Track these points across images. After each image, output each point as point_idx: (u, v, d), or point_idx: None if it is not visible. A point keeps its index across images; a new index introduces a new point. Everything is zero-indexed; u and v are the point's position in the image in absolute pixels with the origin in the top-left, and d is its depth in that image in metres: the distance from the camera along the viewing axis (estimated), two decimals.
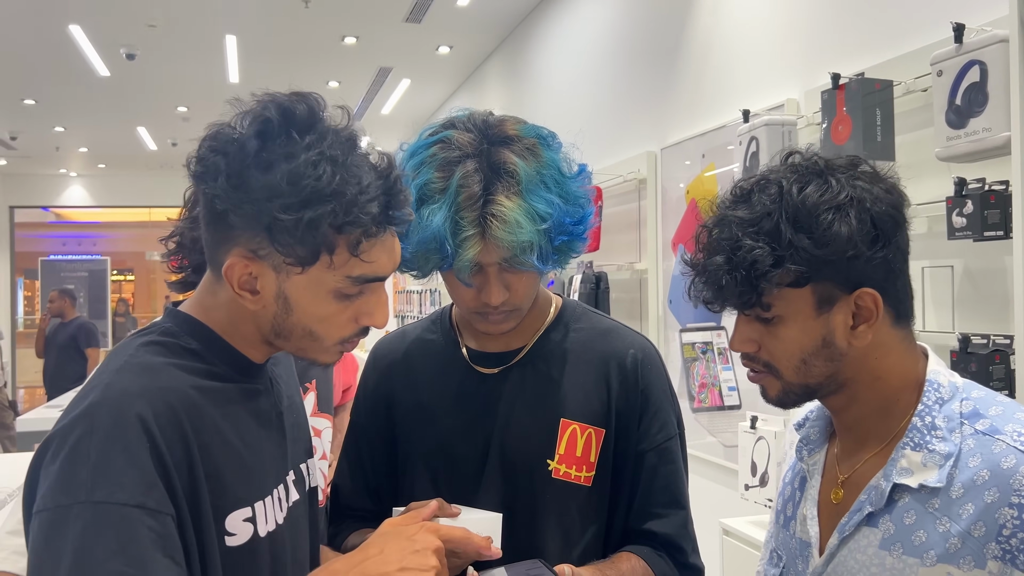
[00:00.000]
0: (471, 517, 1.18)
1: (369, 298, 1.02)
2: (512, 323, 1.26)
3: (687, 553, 1.28)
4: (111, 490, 0.84)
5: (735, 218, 0.97)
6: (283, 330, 1.01)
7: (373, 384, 1.39)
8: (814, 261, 0.93)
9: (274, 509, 1.04)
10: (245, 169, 0.93)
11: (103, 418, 0.87)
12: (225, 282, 1.00)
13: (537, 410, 1.28)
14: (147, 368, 0.95)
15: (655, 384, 1.30)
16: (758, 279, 0.94)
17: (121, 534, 0.83)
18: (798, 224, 0.94)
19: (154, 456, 0.87)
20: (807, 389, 1.01)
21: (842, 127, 2.25)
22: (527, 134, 1.20)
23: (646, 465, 1.28)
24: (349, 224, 0.94)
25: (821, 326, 0.97)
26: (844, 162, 0.99)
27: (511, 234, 1.11)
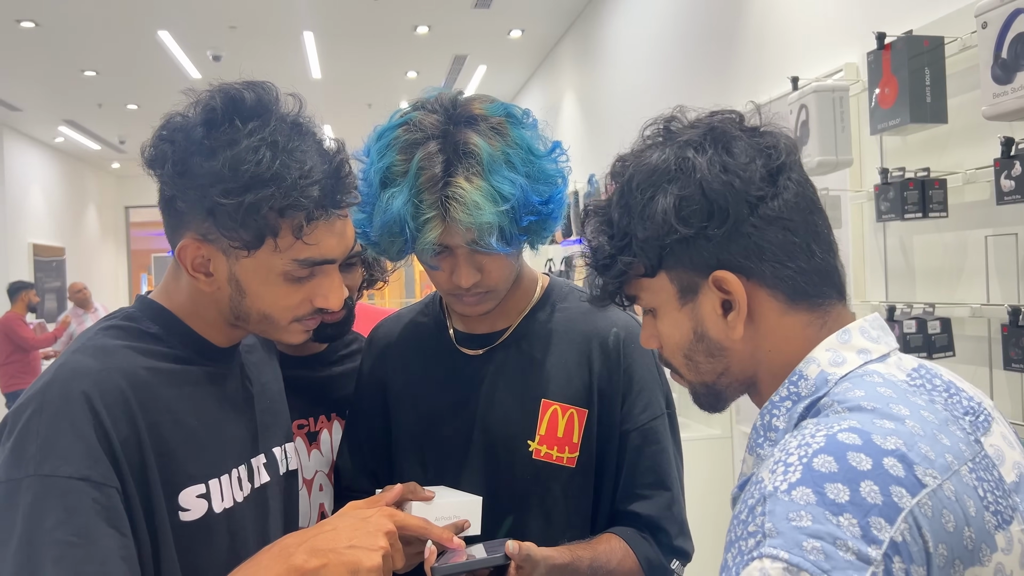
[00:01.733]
0: (451, 500, 1.18)
1: (322, 280, 1.04)
2: (489, 304, 1.25)
3: (672, 535, 1.24)
4: (57, 464, 0.88)
5: (591, 207, 0.91)
6: (240, 312, 1.04)
7: (368, 367, 1.41)
8: (647, 247, 0.83)
9: (232, 488, 1.06)
10: (189, 156, 0.97)
11: (52, 397, 0.92)
12: (184, 271, 1.03)
13: (518, 391, 1.26)
14: (100, 349, 0.99)
15: (639, 362, 1.26)
16: (601, 273, 0.88)
17: (67, 505, 0.87)
18: (627, 207, 0.85)
19: (99, 432, 0.91)
20: (711, 389, 0.89)
21: (888, 90, 2.12)
22: (494, 112, 1.18)
23: (630, 446, 1.25)
24: (290, 207, 0.96)
25: (688, 318, 0.85)
26: (701, 123, 0.86)
27: (470, 216, 1.10)
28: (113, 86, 8.00)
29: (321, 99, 8.57)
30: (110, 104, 8.72)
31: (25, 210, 9.92)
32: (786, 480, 0.67)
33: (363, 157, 1.22)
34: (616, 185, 0.88)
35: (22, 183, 9.90)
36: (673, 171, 0.82)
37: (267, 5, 5.91)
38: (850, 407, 0.74)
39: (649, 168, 0.84)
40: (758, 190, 0.81)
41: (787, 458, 0.70)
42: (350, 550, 0.96)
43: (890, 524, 0.64)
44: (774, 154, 0.82)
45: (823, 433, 0.70)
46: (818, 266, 0.82)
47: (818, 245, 0.82)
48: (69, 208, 11.53)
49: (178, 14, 6.03)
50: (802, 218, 0.82)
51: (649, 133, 0.89)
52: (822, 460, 0.67)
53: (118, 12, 5.94)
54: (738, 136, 0.83)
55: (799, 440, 0.71)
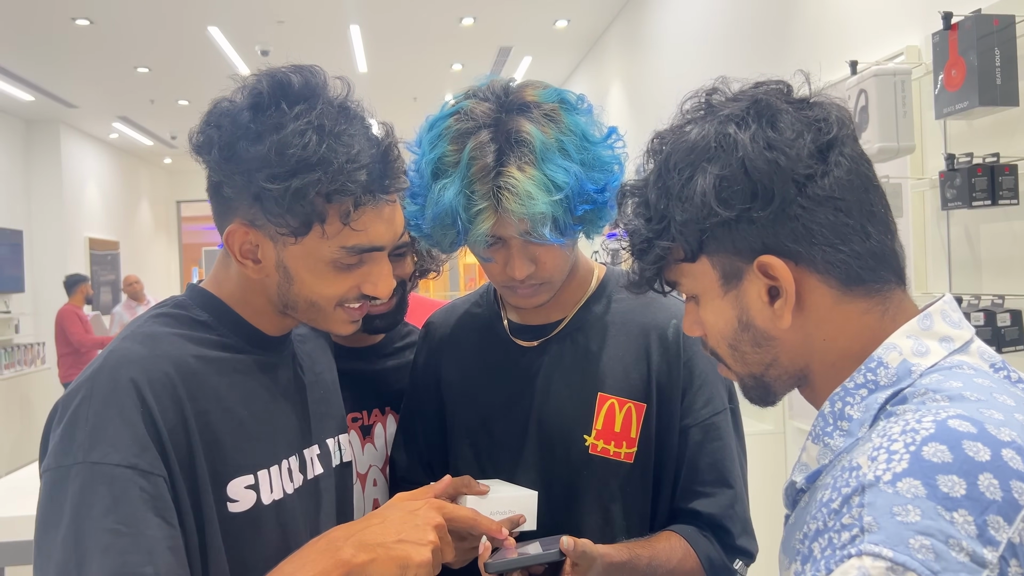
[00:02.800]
0: (506, 495, 1.16)
1: (371, 268, 1.02)
2: (544, 296, 1.22)
3: (735, 535, 1.20)
4: (106, 451, 0.88)
5: (627, 187, 0.85)
6: (288, 300, 1.03)
7: (423, 359, 1.39)
8: (686, 231, 0.78)
9: (282, 479, 1.05)
10: (236, 141, 0.95)
11: (101, 384, 0.92)
12: (233, 259, 1.02)
13: (574, 384, 1.23)
14: (149, 337, 0.98)
15: (700, 355, 1.22)
16: (638, 258, 0.83)
17: (114, 493, 0.87)
18: (664, 188, 0.79)
19: (147, 420, 0.91)
20: (759, 381, 0.83)
21: (955, 72, 2.04)
22: (547, 99, 1.15)
23: (691, 441, 1.21)
24: (337, 192, 0.94)
25: (732, 305, 0.79)
26: (744, 96, 0.80)
27: (523, 206, 1.07)
28: (165, 82, 8.14)
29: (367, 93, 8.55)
30: (162, 100, 8.88)
31: (82, 205, 10.17)
32: (890, 469, 0.61)
33: (415, 148, 1.20)
34: (653, 164, 0.83)
35: (79, 178, 10.15)
36: (713, 149, 0.76)
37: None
38: (950, 396, 0.67)
39: (687, 146, 0.78)
40: (806, 168, 0.74)
41: (890, 444, 0.63)
42: (399, 544, 0.94)
43: (1008, 523, 0.58)
44: (824, 127, 0.75)
45: (930, 419, 0.63)
46: (874, 249, 0.76)
47: (874, 226, 0.76)
48: (123, 203, 11.79)
49: (227, 10, 6.09)
50: (856, 197, 0.75)
51: (689, 107, 0.83)
52: (933, 448, 0.61)
53: (169, 8, 6.03)
54: (784, 109, 0.77)
55: (902, 425, 0.64)
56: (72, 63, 7.38)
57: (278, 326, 1.09)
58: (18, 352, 8.05)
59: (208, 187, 1.02)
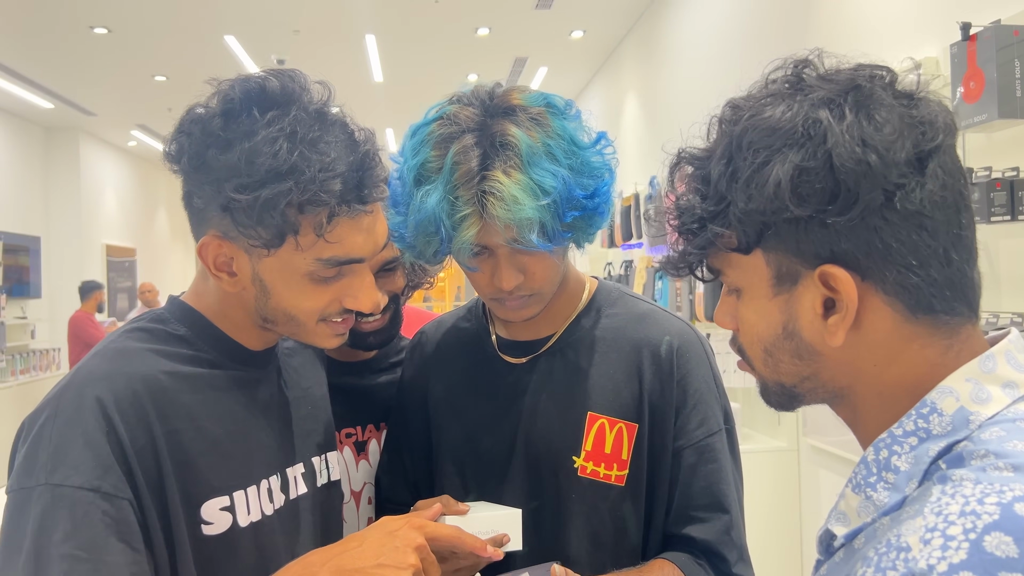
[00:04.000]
0: (488, 514, 1.11)
1: (351, 281, 0.98)
2: (533, 309, 1.16)
3: (730, 562, 1.14)
4: (67, 473, 0.84)
5: (686, 154, 0.75)
6: (267, 314, 0.99)
7: (410, 375, 1.35)
8: (747, 221, 0.68)
9: (260, 500, 1.01)
10: (205, 149, 0.91)
11: (66, 403, 0.88)
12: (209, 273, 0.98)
13: (563, 403, 1.18)
14: (119, 353, 0.94)
15: (694, 374, 1.17)
16: (687, 239, 0.74)
17: (75, 517, 0.83)
18: (733, 166, 0.69)
19: (112, 440, 0.87)
20: (784, 390, 0.75)
21: (974, 83, 1.97)
22: (533, 103, 1.10)
23: (684, 464, 1.15)
24: (309, 203, 0.90)
25: (779, 309, 0.71)
26: (842, 76, 0.69)
27: (508, 211, 1.02)
28: (182, 91, 8.16)
29: (383, 102, 8.63)
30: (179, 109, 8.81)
31: (99, 212, 10.24)
32: (946, 559, 0.54)
33: (398, 157, 1.15)
34: (722, 135, 0.72)
35: (97, 185, 10.23)
36: (799, 134, 0.66)
37: (330, 9, 5.95)
38: (1015, 465, 0.58)
39: (769, 125, 0.68)
40: (900, 176, 0.64)
41: (947, 528, 0.55)
42: (378, 569, 0.89)
43: None
44: (928, 132, 0.65)
45: (994, 500, 0.56)
46: (952, 277, 0.67)
47: (958, 252, 0.67)
48: (140, 210, 11.87)
49: (244, 19, 6.11)
50: (945, 217, 0.66)
51: (775, 77, 0.73)
52: (996, 540, 0.53)
53: (186, 17, 6.05)
54: (887, 102, 0.66)
55: (960, 504, 0.57)
56: (90, 71, 7.43)
57: (261, 340, 1.04)
58: (33, 357, 8.09)
59: (183, 197, 0.99)
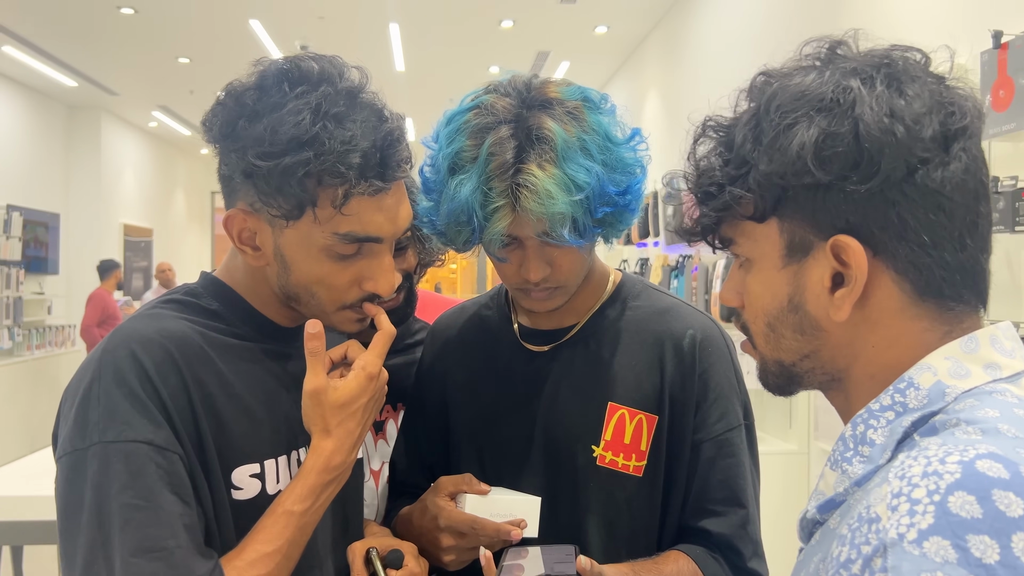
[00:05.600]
0: (507, 498, 1.13)
1: (370, 262, 0.99)
2: (559, 300, 1.17)
3: (746, 557, 1.15)
4: (120, 429, 0.87)
5: (711, 121, 0.75)
6: (289, 290, 1.01)
7: (429, 360, 1.36)
8: (765, 185, 0.68)
9: (290, 470, 1.03)
10: (236, 119, 0.94)
11: (109, 364, 0.90)
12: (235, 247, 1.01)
13: (584, 392, 1.19)
14: (154, 318, 0.97)
15: (716, 368, 1.17)
16: (702, 202, 0.74)
17: (131, 468, 0.86)
18: (756, 130, 0.69)
19: (156, 399, 0.90)
20: (783, 369, 0.74)
21: (1003, 92, 1.96)
22: (570, 96, 1.11)
23: (703, 457, 1.16)
24: (327, 174, 0.92)
25: (787, 281, 0.70)
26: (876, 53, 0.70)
27: (541, 205, 1.03)
28: (205, 73, 8.22)
29: (404, 91, 8.63)
30: (201, 91, 8.98)
31: (118, 191, 10.32)
32: (914, 525, 0.53)
33: (432, 144, 1.16)
34: (749, 103, 0.72)
35: (117, 165, 10.30)
36: (828, 100, 0.66)
37: None
38: (983, 429, 0.58)
39: (798, 90, 0.68)
40: (924, 150, 0.64)
41: (911, 491, 0.55)
42: None
43: None
44: (957, 113, 0.65)
45: (955, 459, 0.55)
46: (964, 263, 0.66)
47: (973, 239, 0.66)
48: (159, 191, 11.94)
49: (268, 4, 6.14)
50: (964, 201, 0.65)
51: (809, 51, 0.72)
52: (960, 500, 0.53)
53: (212, 0, 6.08)
54: (919, 78, 0.67)
55: (923, 465, 0.56)
56: (115, 51, 7.48)
57: (289, 317, 1.06)
58: (49, 333, 8.17)
59: (217, 169, 1.01)
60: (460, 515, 1.09)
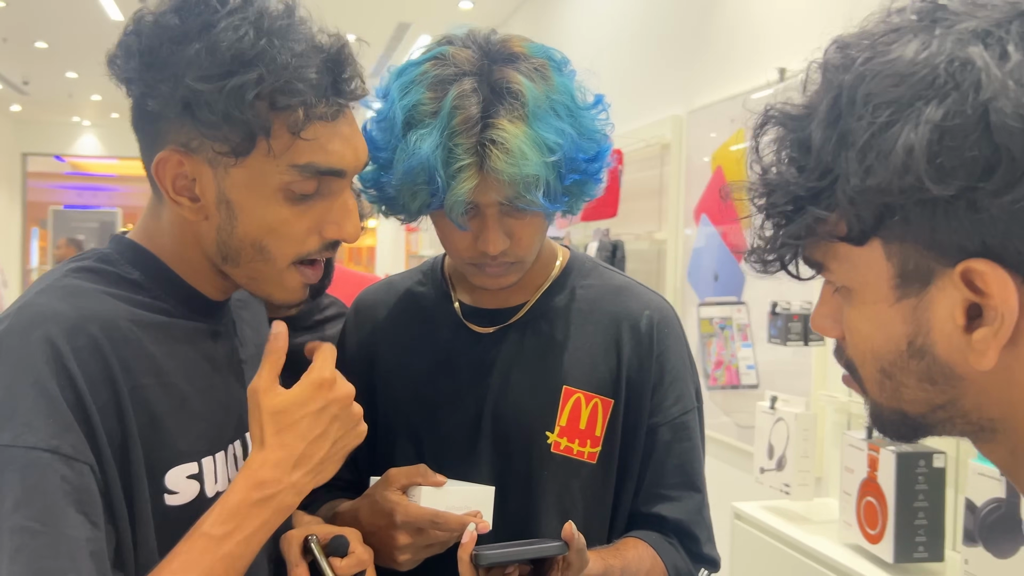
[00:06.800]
0: (463, 489, 1.05)
1: (330, 203, 0.87)
2: (514, 277, 1.10)
3: (701, 542, 1.13)
4: (17, 431, 0.71)
5: (779, 112, 0.58)
6: (230, 248, 0.86)
7: (355, 340, 1.24)
8: (862, 202, 0.52)
9: (227, 468, 0.90)
10: (159, 46, 0.80)
11: (12, 347, 0.74)
12: (166, 203, 0.86)
13: (537, 376, 1.12)
14: (71, 292, 0.80)
15: (673, 350, 1.14)
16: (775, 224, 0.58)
17: (28, 482, 0.70)
18: (841, 129, 0.53)
19: (69, 394, 0.74)
20: (906, 419, 0.59)
21: None
22: (536, 54, 1.03)
23: (659, 441, 1.13)
24: (281, 93, 0.79)
25: (904, 318, 0.54)
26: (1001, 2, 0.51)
27: (513, 166, 0.95)
28: (20, 20, 7.39)
29: None
30: (16, 39, 8.07)
31: None
32: None
33: (375, 102, 1.05)
34: (827, 87, 0.56)
35: None
36: (941, 81, 0.49)
37: None
38: None
39: (895, 71, 0.51)
40: None
41: None
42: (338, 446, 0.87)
43: None
44: None
45: None
46: None
47: None
48: None
49: None
50: None
51: (902, 5, 0.55)
52: None
53: None
54: None
55: None
56: None
57: (218, 288, 0.92)
58: None
59: (133, 114, 0.86)
60: (419, 510, 0.99)
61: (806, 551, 2.19)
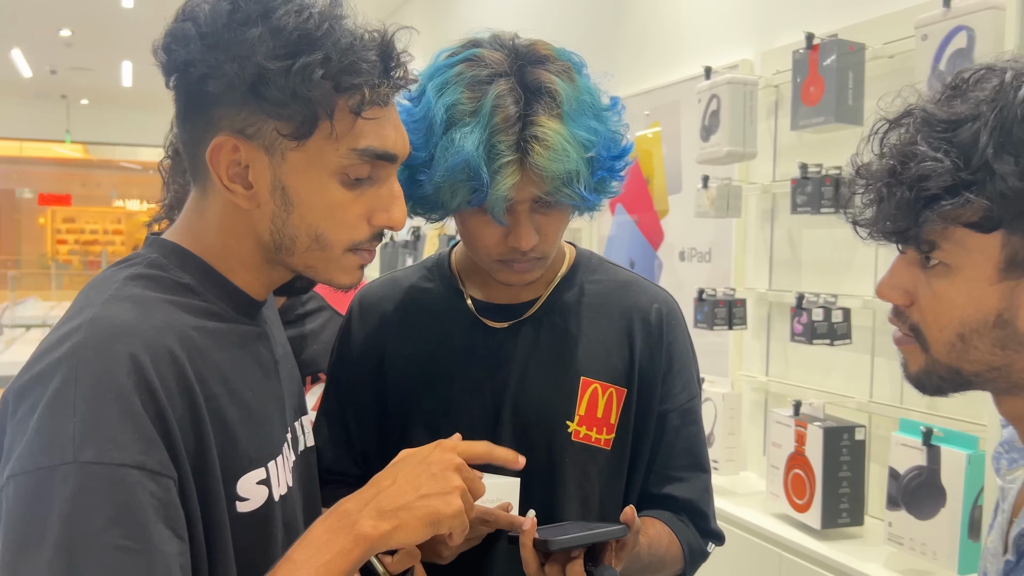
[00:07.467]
0: (490, 482, 1.07)
1: (379, 190, 0.88)
2: (538, 272, 1.14)
3: (709, 518, 1.22)
4: (103, 448, 0.70)
5: (923, 113, 0.70)
6: (285, 237, 0.86)
7: (361, 337, 1.25)
8: (1015, 199, 0.64)
9: (285, 470, 0.91)
10: (220, 28, 0.80)
11: (90, 361, 0.72)
12: (212, 197, 0.86)
13: (555, 368, 1.17)
14: (139, 302, 0.79)
15: (679, 341, 1.22)
16: (923, 205, 0.68)
17: (117, 500, 0.69)
18: (1008, 139, 0.65)
19: (152, 408, 0.73)
20: (958, 376, 0.73)
21: (814, 88, 2.22)
22: (560, 56, 1.09)
23: (669, 426, 1.20)
24: (346, 73, 0.81)
25: (1000, 296, 0.68)
26: None
27: (555, 161, 0.99)
28: None
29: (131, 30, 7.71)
30: None
31: None
32: None
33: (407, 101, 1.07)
34: (988, 83, 0.67)
35: None
36: None
37: None
38: None
39: None
40: None
41: None
42: (422, 501, 0.83)
43: None
44: None
45: None
46: None
47: None
48: None
49: None
50: None
51: None
52: None
53: None
54: None
55: None
56: None
57: (264, 283, 0.92)
58: None
59: (182, 101, 0.85)
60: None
61: (737, 522, 2.35)
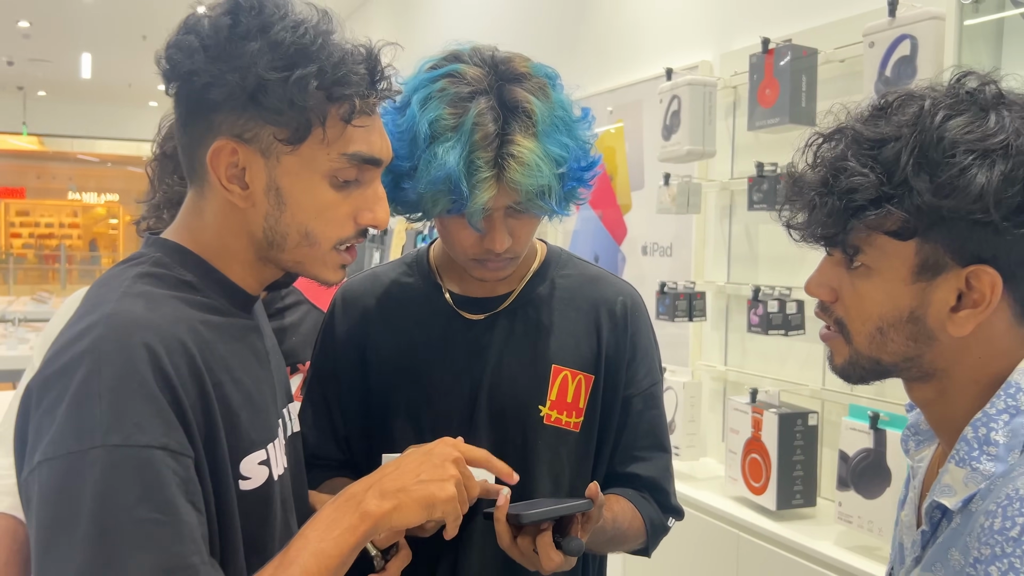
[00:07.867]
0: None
1: (364, 191, 0.97)
2: (510, 270, 1.23)
3: (670, 495, 1.31)
4: (129, 432, 0.77)
5: (853, 131, 0.79)
6: (277, 234, 0.94)
7: (344, 329, 1.32)
8: (929, 212, 0.73)
9: (281, 451, 0.99)
10: (222, 41, 0.88)
11: (111, 353, 0.79)
12: (209, 197, 0.93)
13: (528, 357, 1.26)
14: (151, 299, 0.87)
15: (642, 331, 1.31)
16: (851, 214, 0.76)
17: (146, 478, 0.77)
18: (924, 159, 0.74)
19: (169, 394, 0.81)
20: (878, 366, 0.82)
21: (769, 91, 2.33)
22: (537, 72, 1.17)
23: (632, 410, 1.29)
24: (338, 84, 0.89)
25: (913, 296, 0.77)
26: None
27: (529, 177, 1.08)
28: None
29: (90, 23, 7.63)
30: None
31: None
32: None
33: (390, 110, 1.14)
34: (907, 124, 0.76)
35: None
36: (1011, 147, 0.73)
37: None
38: None
39: (980, 132, 0.74)
40: None
41: None
42: (420, 485, 0.93)
43: None
44: None
45: None
46: None
47: None
48: None
49: None
50: None
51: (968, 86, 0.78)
52: None
53: None
54: None
55: None
56: None
57: (258, 279, 1.00)
58: None
59: (183, 108, 0.92)
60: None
61: (697, 505, 2.46)
